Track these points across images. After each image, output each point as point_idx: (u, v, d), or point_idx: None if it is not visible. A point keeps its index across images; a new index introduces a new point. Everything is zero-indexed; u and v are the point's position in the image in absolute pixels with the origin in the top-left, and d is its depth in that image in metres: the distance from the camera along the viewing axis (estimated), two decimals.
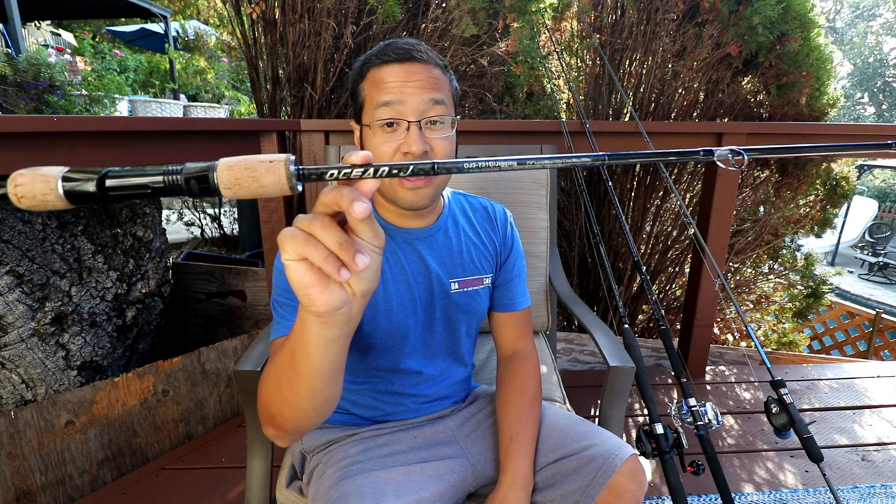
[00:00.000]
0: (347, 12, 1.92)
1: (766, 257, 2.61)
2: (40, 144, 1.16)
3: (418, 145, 0.68)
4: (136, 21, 8.12)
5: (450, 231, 0.85)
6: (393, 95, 0.68)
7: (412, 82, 0.69)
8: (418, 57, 0.70)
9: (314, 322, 0.43)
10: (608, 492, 0.73)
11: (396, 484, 0.72)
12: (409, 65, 0.70)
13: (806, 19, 1.91)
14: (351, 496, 0.68)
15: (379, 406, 0.86)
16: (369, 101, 0.71)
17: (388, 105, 0.68)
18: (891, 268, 9.15)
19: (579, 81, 2.33)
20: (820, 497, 1.42)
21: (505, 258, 0.90)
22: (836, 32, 21.26)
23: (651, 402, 0.96)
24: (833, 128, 1.89)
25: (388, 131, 0.70)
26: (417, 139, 0.68)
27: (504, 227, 0.91)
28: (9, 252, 1.33)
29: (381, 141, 0.70)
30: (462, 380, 0.93)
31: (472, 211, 0.90)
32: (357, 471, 0.75)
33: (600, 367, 2.20)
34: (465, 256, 0.85)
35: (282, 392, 0.54)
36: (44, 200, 0.32)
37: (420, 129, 0.69)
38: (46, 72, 2.53)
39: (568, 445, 0.78)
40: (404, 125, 0.69)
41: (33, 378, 1.41)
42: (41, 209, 0.33)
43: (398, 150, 0.69)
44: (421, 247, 0.81)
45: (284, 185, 0.34)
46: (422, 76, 0.70)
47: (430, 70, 0.71)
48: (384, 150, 0.70)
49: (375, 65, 0.71)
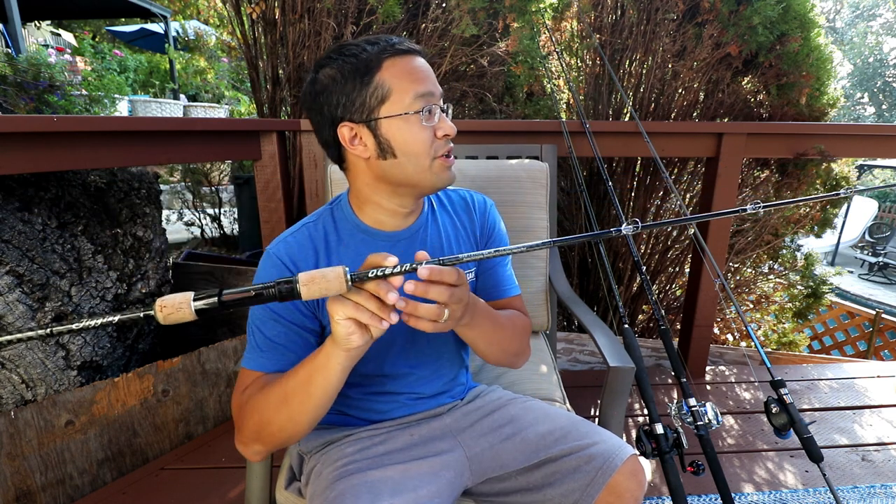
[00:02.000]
0: (347, 12, 1.92)
1: (766, 257, 2.61)
2: (40, 144, 1.16)
3: (453, 126, 0.74)
4: (136, 21, 8.12)
5: (430, 229, 0.85)
6: (426, 86, 0.72)
7: (430, 73, 0.74)
8: (418, 50, 0.75)
9: (342, 356, 0.60)
10: (608, 491, 0.73)
11: (393, 482, 0.72)
12: (417, 57, 0.73)
13: (806, 19, 1.91)
14: (347, 496, 0.68)
15: (373, 406, 0.86)
16: (400, 92, 0.70)
17: (425, 95, 0.72)
18: (891, 268, 9.15)
19: (579, 81, 2.33)
20: (820, 497, 1.42)
21: (484, 245, 0.90)
22: (836, 32, 21.26)
23: (651, 402, 0.96)
24: (833, 128, 1.89)
25: (428, 118, 0.72)
26: (450, 122, 0.74)
27: (483, 215, 0.91)
28: (9, 252, 1.33)
29: (420, 129, 0.72)
30: (458, 377, 0.93)
31: (451, 204, 0.90)
32: (353, 470, 0.75)
33: (600, 368, 2.20)
34: (445, 252, 0.84)
35: (290, 411, 0.65)
36: (180, 317, 0.50)
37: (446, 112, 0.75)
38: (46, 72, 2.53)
39: (569, 442, 0.78)
40: (437, 111, 0.73)
41: (33, 378, 1.41)
42: (178, 322, 0.50)
43: (434, 135, 0.73)
44: (403, 247, 0.81)
45: (342, 287, 0.53)
46: (429, 69, 0.75)
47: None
48: (424, 136, 0.72)
49: (391, 56, 0.70)
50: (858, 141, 1.95)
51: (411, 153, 0.72)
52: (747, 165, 2.33)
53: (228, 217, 3.66)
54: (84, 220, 1.55)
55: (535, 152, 1.52)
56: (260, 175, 1.73)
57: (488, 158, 1.51)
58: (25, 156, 1.13)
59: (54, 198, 1.48)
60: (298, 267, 0.75)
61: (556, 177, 1.45)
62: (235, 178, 3.22)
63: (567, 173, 2.32)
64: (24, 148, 1.13)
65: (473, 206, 0.91)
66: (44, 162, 1.17)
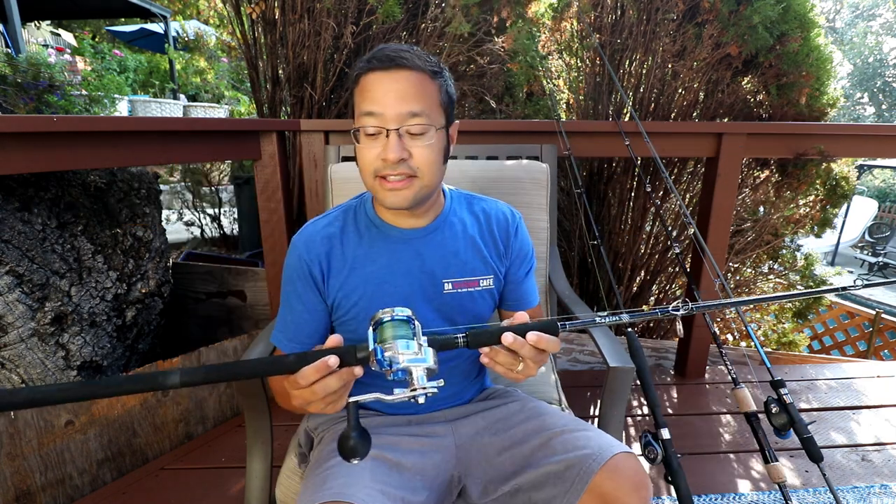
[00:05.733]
0: (347, 12, 1.92)
1: (766, 257, 2.61)
2: (40, 144, 1.16)
3: (395, 153, 0.72)
4: (136, 21, 8.11)
5: (447, 231, 0.86)
6: (375, 105, 0.72)
7: (392, 91, 0.72)
8: (402, 64, 0.72)
9: None
10: (590, 494, 0.70)
11: (380, 447, 0.78)
12: (393, 72, 0.72)
13: (806, 19, 1.91)
14: (337, 466, 0.74)
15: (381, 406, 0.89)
16: (357, 108, 0.75)
17: (371, 115, 0.73)
18: (891, 268, 9.15)
19: (579, 81, 2.33)
20: (820, 497, 1.42)
21: (514, 259, 0.91)
22: (836, 32, 21.26)
23: (656, 406, 0.95)
24: (833, 128, 1.90)
25: (370, 138, 0.74)
26: (395, 147, 0.72)
27: (513, 229, 0.91)
28: (9, 252, 1.33)
29: (364, 146, 0.75)
30: (468, 379, 0.93)
31: (480, 213, 0.90)
32: None
33: (600, 368, 2.20)
34: (461, 257, 0.85)
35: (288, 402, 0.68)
36: None
37: (400, 136, 0.72)
38: (46, 72, 2.52)
39: (556, 443, 0.76)
40: (384, 133, 0.73)
41: (33, 378, 1.41)
42: None
43: (379, 156, 0.73)
44: (416, 246, 0.83)
45: None
46: (402, 85, 0.72)
47: (415, 78, 0.73)
48: (366, 155, 0.75)
49: (363, 72, 0.74)
50: (858, 141, 1.95)
51: (360, 167, 0.77)
52: (747, 165, 2.33)
53: (228, 217, 3.66)
54: (84, 220, 1.55)
55: (535, 153, 1.52)
56: (260, 175, 1.73)
57: (488, 159, 1.51)
58: (25, 156, 1.13)
59: (54, 198, 1.49)
60: (310, 259, 0.82)
61: (556, 177, 1.45)
62: (235, 178, 3.22)
63: (566, 173, 2.31)
64: (23, 148, 1.13)
65: (504, 219, 0.91)
66: (43, 162, 1.17)
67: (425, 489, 0.76)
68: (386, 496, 0.68)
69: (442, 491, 0.79)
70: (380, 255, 0.83)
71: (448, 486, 0.81)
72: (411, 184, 0.75)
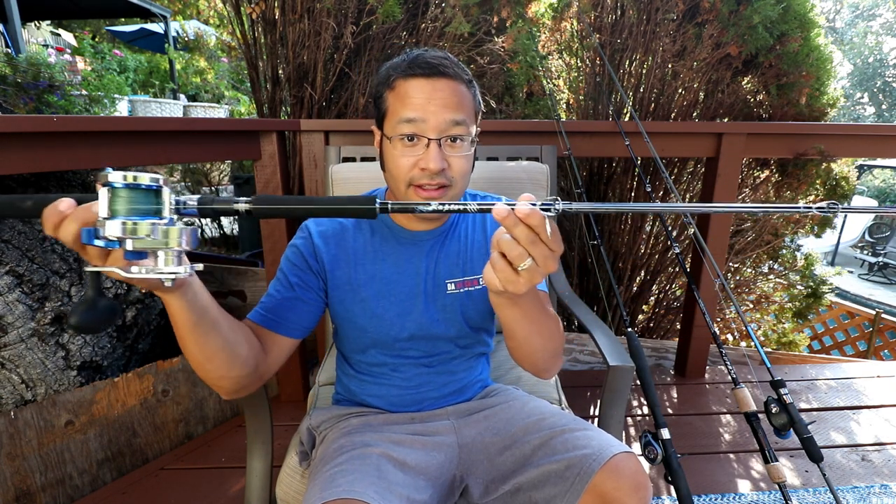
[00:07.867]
0: (347, 12, 1.92)
1: (766, 257, 2.61)
2: (40, 144, 1.15)
3: (436, 162, 0.71)
4: (136, 21, 8.11)
5: (456, 234, 0.87)
6: (416, 112, 0.71)
7: (436, 100, 0.71)
8: (444, 72, 0.72)
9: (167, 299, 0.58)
10: (591, 493, 0.70)
11: (385, 445, 0.79)
12: (434, 80, 0.72)
13: (806, 19, 1.91)
14: (345, 445, 0.77)
15: (385, 395, 0.90)
16: (393, 113, 0.74)
17: (411, 122, 0.72)
18: (891, 268, 9.15)
19: (579, 81, 2.33)
20: (820, 497, 1.42)
21: None
22: (836, 32, 21.26)
23: (656, 406, 0.95)
24: (833, 128, 1.89)
25: (408, 145, 0.73)
26: (436, 156, 0.71)
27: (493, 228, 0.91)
28: (9, 252, 1.33)
29: (400, 154, 0.74)
30: (471, 378, 0.94)
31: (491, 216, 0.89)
32: (354, 431, 0.82)
33: (600, 367, 2.20)
34: (467, 257, 0.86)
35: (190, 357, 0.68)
36: None
37: (440, 146, 0.72)
38: (46, 72, 2.53)
39: (557, 443, 0.76)
40: (424, 141, 0.72)
41: (33, 378, 1.41)
42: None
43: (416, 165, 0.73)
44: (425, 248, 0.85)
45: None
46: (446, 94, 0.72)
47: (455, 87, 0.73)
48: (403, 163, 0.74)
49: (402, 76, 0.73)
50: (858, 141, 1.95)
51: (392, 174, 0.76)
52: (747, 165, 2.33)
53: (228, 217, 3.65)
54: None
55: (535, 153, 1.52)
56: (260, 175, 1.73)
57: (488, 160, 1.51)
58: (25, 156, 1.13)
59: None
60: (318, 244, 0.82)
61: (556, 178, 1.45)
62: (235, 178, 3.22)
63: (566, 173, 2.31)
64: (23, 148, 1.13)
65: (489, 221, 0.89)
66: (43, 162, 1.17)
67: (429, 488, 0.75)
68: (393, 494, 0.68)
69: (444, 490, 0.79)
70: (389, 254, 0.84)
71: (450, 486, 0.81)
72: (445, 193, 0.75)
